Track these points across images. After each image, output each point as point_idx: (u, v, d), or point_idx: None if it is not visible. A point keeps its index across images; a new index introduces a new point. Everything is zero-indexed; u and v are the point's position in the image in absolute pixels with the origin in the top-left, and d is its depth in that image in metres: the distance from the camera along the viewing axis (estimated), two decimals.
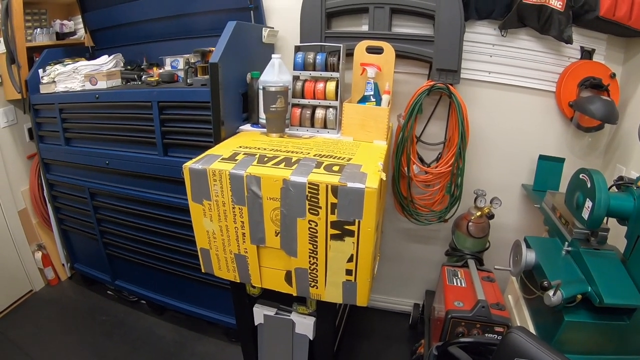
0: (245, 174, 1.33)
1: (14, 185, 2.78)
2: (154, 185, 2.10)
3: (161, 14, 2.34)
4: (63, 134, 2.36)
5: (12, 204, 2.78)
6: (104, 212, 2.41)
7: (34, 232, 2.94)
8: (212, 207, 1.45)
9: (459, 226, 2.07)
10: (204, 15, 2.20)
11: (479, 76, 2.07)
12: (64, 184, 2.56)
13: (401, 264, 2.50)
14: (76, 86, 2.26)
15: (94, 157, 2.27)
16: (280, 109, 1.67)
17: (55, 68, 2.34)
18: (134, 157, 2.09)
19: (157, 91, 1.91)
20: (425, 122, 2.15)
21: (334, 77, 1.78)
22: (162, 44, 2.44)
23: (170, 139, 1.96)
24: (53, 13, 2.92)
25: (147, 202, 2.15)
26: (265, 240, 1.44)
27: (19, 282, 2.86)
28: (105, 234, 2.49)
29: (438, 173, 2.05)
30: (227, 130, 1.75)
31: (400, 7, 1.94)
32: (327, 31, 2.03)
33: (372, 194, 1.23)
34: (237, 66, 1.81)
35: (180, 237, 2.10)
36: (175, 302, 2.40)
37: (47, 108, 2.41)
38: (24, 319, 2.67)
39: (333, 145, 1.62)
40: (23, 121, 2.78)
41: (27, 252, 2.88)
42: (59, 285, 3.04)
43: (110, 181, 2.28)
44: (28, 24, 2.73)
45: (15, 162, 2.81)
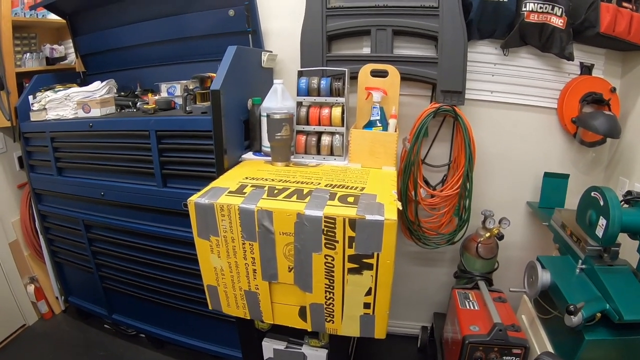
0: (257, 209, 1.26)
1: (4, 215, 2.68)
2: (152, 217, 2.01)
3: (155, 38, 2.27)
4: (55, 164, 2.26)
5: (3, 235, 2.66)
6: (100, 245, 2.30)
7: (25, 264, 2.82)
8: (220, 243, 1.37)
9: (467, 248, 2.01)
10: (200, 39, 2.14)
11: (482, 96, 2.04)
12: (57, 215, 2.44)
13: (407, 286, 2.43)
14: (68, 114, 2.16)
15: (88, 188, 2.17)
16: (286, 137, 1.60)
17: (46, 95, 2.24)
18: (132, 189, 2.00)
19: (154, 119, 1.83)
20: (430, 144, 2.11)
21: (339, 102, 1.72)
22: (156, 69, 2.37)
23: (169, 169, 1.88)
24: (43, 37, 2.85)
25: (145, 234, 2.05)
26: (278, 277, 1.37)
27: (11, 316, 2.73)
28: (102, 267, 2.38)
29: (445, 196, 1.99)
30: (230, 160, 1.69)
31: (402, 29, 1.90)
32: (328, 54, 1.98)
33: (392, 225, 1.17)
34: (237, 92, 1.75)
35: (181, 270, 2.01)
36: (176, 335, 2.29)
37: (38, 136, 2.31)
38: (17, 356, 2.55)
39: (342, 173, 1.56)
40: (13, 149, 2.67)
41: (19, 285, 2.76)
42: (53, 319, 2.91)
43: (106, 213, 2.18)
44: (17, 48, 2.66)
45: (5, 192, 2.70)
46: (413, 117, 1.98)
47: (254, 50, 1.98)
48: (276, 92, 1.72)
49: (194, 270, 1.90)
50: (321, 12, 1.93)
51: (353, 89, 1.93)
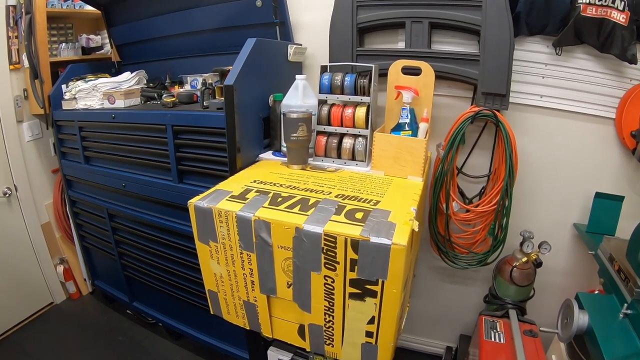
0: (254, 218, 1.16)
1: (37, 198, 2.76)
2: (169, 211, 1.96)
3: (185, 29, 2.22)
4: (83, 152, 2.27)
5: (36, 217, 2.75)
6: (122, 234, 2.30)
7: (56, 245, 2.90)
8: (219, 249, 1.29)
9: (501, 272, 1.81)
10: (227, 30, 2.06)
11: (529, 100, 1.80)
12: (85, 202, 2.47)
13: (435, 304, 2.26)
14: (95, 104, 2.16)
15: (111, 178, 2.16)
16: (302, 138, 1.48)
17: (76, 84, 2.26)
18: (150, 182, 1.96)
19: (171, 114, 1.76)
20: (468, 151, 1.91)
21: (364, 101, 1.57)
22: (185, 61, 2.32)
23: (185, 165, 1.81)
24: (80, 28, 2.88)
25: (162, 228, 2.01)
26: (277, 291, 1.26)
27: (40, 294, 2.84)
28: (124, 256, 2.38)
29: (481, 212, 1.79)
30: (245, 159, 1.60)
31: (440, 21, 1.70)
32: (358, 49, 1.82)
33: (400, 252, 1.01)
34: (257, 87, 1.65)
35: (194, 267, 1.94)
36: (192, 330, 2.25)
37: (68, 125, 2.33)
38: (43, 332, 2.64)
39: (360, 182, 1.42)
40: (48, 135, 2.73)
41: (49, 265, 2.85)
42: (80, 299, 2.99)
43: (127, 204, 2.16)
44: (54, 38, 2.69)
45: (40, 176, 2.78)
46: (450, 119, 1.79)
47: (279, 42, 1.87)
48: (297, 89, 1.61)
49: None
50: (351, 3, 1.77)
51: (383, 86, 1.76)
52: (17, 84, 2.58)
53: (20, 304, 2.70)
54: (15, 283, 2.66)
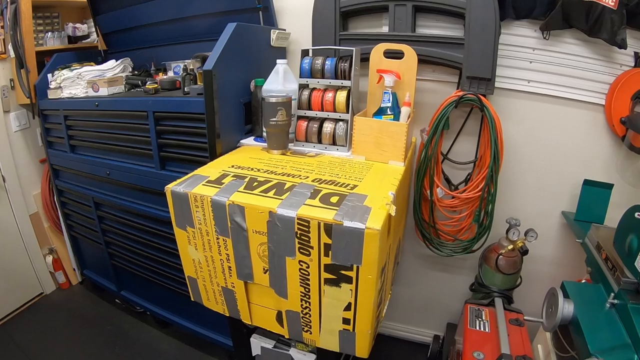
0: (228, 202, 1.14)
1: (25, 188, 2.74)
2: (153, 199, 1.93)
3: (169, 16, 2.18)
4: (68, 141, 2.25)
5: (24, 207, 2.73)
6: (108, 223, 2.28)
7: (45, 236, 2.88)
8: (196, 235, 1.27)
9: (487, 259, 1.79)
10: (210, 17, 2.03)
11: (516, 85, 1.77)
12: (72, 191, 2.45)
13: (421, 292, 2.24)
14: (80, 92, 2.13)
15: (96, 167, 2.14)
16: (282, 123, 1.46)
17: (62, 73, 2.22)
18: (133, 169, 1.94)
19: (152, 100, 1.73)
20: (454, 137, 1.88)
21: (345, 86, 1.55)
22: (169, 48, 2.29)
23: (167, 151, 1.79)
24: (66, 16, 2.84)
25: (147, 216, 1.99)
26: (253, 277, 1.25)
27: (29, 284, 2.83)
28: (110, 245, 2.36)
29: (466, 198, 1.76)
30: (225, 145, 1.57)
31: (424, 4, 1.66)
32: (341, 33, 1.79)
33: (374, 236, 0.99)
34: (238, 73, 1.62)
35: (178, 254, 1.90)
36: (178, 318, 2.24)
37: (54, 114, 2.30)
38: (32, 322, 2.63)
39: (340, 166, 1.39)
40: (35, 125, 2.70)
41: (38, 255, 2.84)
42: (69, 289, 2.98)
43: (112, 192, 2.14)
44: (40, 27, 2.66)
45: (28, 166, 2.75)
46: (435, 105, 1.75)
47: (261, 27, 1.84)
48: (278, 73, 1.59)
49: None
50: None
51: (366, 72, 1.72)
52: (3, 74, 2.56)
53: (9, 294, 2.69)
54: (5, 274, 2.65)
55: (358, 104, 1.63)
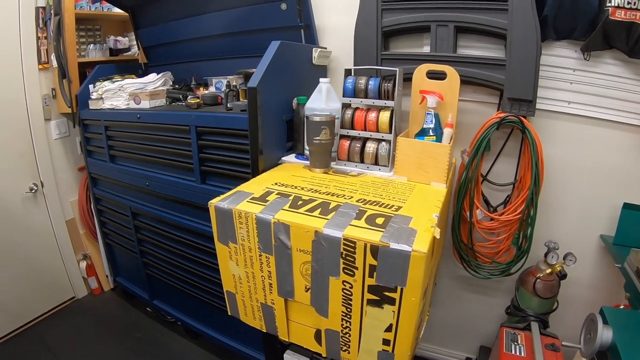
0: (273, 220, 1.16)
1: (63, 195, 2.83)
2: (192, 212, 1.97)
3: (210, 32, 2.25)
4: (108, 151, 2.31)
5: (61, 213, 2.82)
6: (145, 233, 2.33)
7: (80, 242, 2.96)
8: (238, 250, 1.29)
9: (524, 283, 1.76)
10: (252, 33, 2.07)
11: (556, 107, 1.75)
12: (109, 200, 2.52)
13: (455, 313, 2.21)
14: (121, 104, 2.20)
15: (135, 177, 2.19)
16: (325, 142, 1.48)
17: (103, 85, 2.30)
18: (173, 182, 1.98)
19: (195, 115, 1.78)
20: (494, 158, 1.87)
21: (388, 106, 1.56)
22: (211, 63, 2.35)
23: (208, 166, 1.83)
24: (108, 29, 2.94)
25: (185, 228, 2.03)
26: (294, 295, 1.25)
27: (62, 288, 2.91)
28: (145, 254, 2.41)
29: (505, 221, 1.75)
30: (267, 161, 1.60)
31: (466, 25, 1.67)
32: (383, 52, 1.81)
33: (420, 259, 0.99)
34: (281, 90, 1.65)
35: (214, 268, 1.92)
36: (210, 330, 2.26)
37: (95, 124, 2.38)
38: (63, 325, 2.70)
39: (383, 187, 1.40)
40: (75, 134, 2.79)
41: (72, 261, 2.92)
42: (101, 295, 3.05)
43: (150, 202, 2.19)
44: (82, 39, 2.76)
45: (66, 173, 2.85)
46: (475, 125, 1.75)
47: (303, 46, 1.88)
48: (321, 92, 1.60)
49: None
50: (376, 6, 1.76)
51: (408, 91, 1.74)
52: (46, 83, 2.65)
53: (42, 297, 2.77)
54: (39, 276, 2.73)
55: (400, 124, 1.64)
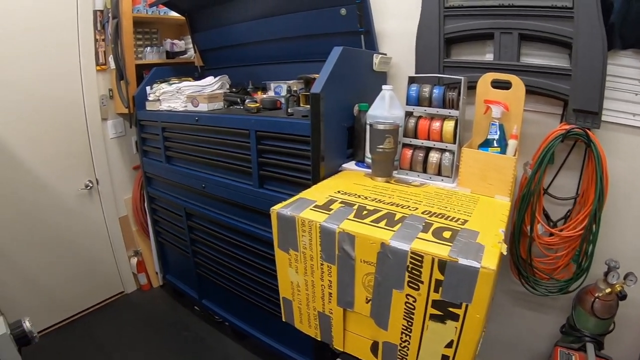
0: (338, 230, 1.17)
1: (117, 192, 2.96)
2: (247, 215, 2.01)
3: (268, 37, 2.28)
4: (164, 152, 2.39)
5: (114, 210, 2.95)
6: (198, 233, 2.39)
7: (132, 238, 3.08)
8: (298, 258, 1.30)
9: (581, 301, 1.71)
10: (311, 38, 2.10)
11: (621, 119, 1.67)
12: (163, 199, 2.60)
13: (507, 329, 2.16)
14: (179, 106, 2.26)
15: (191, 179, 2.25)
16: (389, 150, 1.48)
17: (161, 87, 2.38)
18: (230, 185, 2.03)
19: (255, 119, 1.81)
20: (556, 171, 1.82)
21: (452, 115, 1.55)
22: (268, 67, 2.38)
23: (267, 170, 1.85)
24: (164, 32, 3.05)
25: (239, 231, 2.07)
26: (354, 305, 1.26)
27: (112, 282, 3.05)
28: (197, 254, 2.47)
29: (566, 237, 1.71)
30: (328, 168, 1.62)
31: (531, 33, 1.64)
32: (445, 60, 1.80)
33: (488, 275, 0.98)
34: (342, 96, 1.66)
35: (268, 272, 1.99)
36: (258, 333, 2.30)
37: (151, 125, 2.46)
38: (111, 318, 2.82)
39: (447, 198, 1.40)
40: (131, 134, 2.91)
41: (124, 256, 3.05)
42: (150, 291, 3.16)
43: (205, 204, 2.25)
44: (139, 42, 2.86)
45: (122, 171, 2.97)
46: (537, 136, 1.72)
47: (364, 52, 1.88)
48: (384, 99, 1.60)
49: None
50: (438, 12, 1.76)
51: (471, 100, 1.72)
52: (103, 84, 2.79)
53: (92, 290, 2.91)
54: (90, 270, 2.87)
55: (463, 133, 1.63)
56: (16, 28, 2.37)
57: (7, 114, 2.39)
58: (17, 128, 2.44)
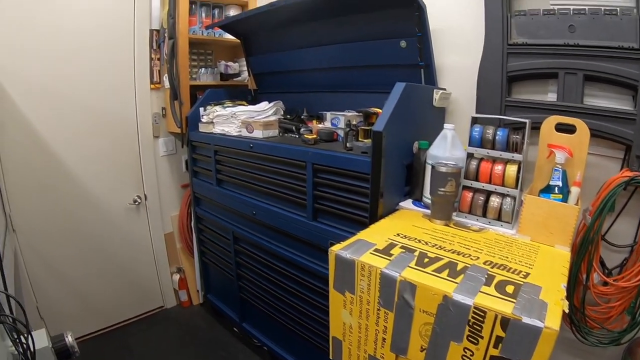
0: (400, 279, 1.19)
1: (164, 209, 3.08)
2: (297, 246, 2.05)
3: (323, 65, 2.32)
4: (215, 175, 2.46)
5: (160, 226, 3.07)
6: (244, 258, 2.44)
7: (176, 255, 3.18)
8: (354, 301, 1.33)
9: (632, 354, 1.66)
10: (368, 69, 2.13)
11: None
12: (210, 221, 2.67)
13: None
14: (233, 131, 2.32)
15: (241, 204, 2.30)
16: (450, 194, 1.50)
17: (215, 109, 2.46)
18: (282, 215, 2.07)
19: (312, 152, 1.83)
20: (614, 218, 1.79)
21: (515, 159, 1.55)
22: (323, 95, 2.42)
23: (321, 204, 1.87)
24: (218, 54, 3.14)
25: (288, 260, 2.11)
26: (407, 352, 1.27)
27: (152, 296, 3.16)
28: (242, 278, 2.52)
29: (622, 287, 1.67)
30: (386, 206, 1.63)
31: (596, 74, 1.63)
32: (507, 98, 1.80)
33: (551, 336, 0.98)
34: (402, 133, 1.68)
35: (315, 304, 2.01)
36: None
37: (204, 146, 2.54)
38: (148, 331, 2.92)
39: (507, 246, 1.40)
40: (181, 152, 3.02)
41: (166, 272, 3.16)
42: (189, 308, 3.25)
43: (254, 230, 2.29)
44: (194, 62, 2.96)
45: (170, 189, 3.09)
46: (596, 180, 1.69)
47: (425, 87, 1.89)
48: (446, 139, 1.62)
49: (327, 308, 1.87)
50: (502, 49, 1.77)
51: (532, 140, 1.72)
52: (157, 102, 2.92)
53: (133, 302, 3.04)
54: (132, 282, 3.00)
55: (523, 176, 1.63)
56: (78, 47, 2.53)
57: (65, 128, 2.55)
58: (73, 141, 2.60)
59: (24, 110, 2.39)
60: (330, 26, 2.20)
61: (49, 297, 2.61)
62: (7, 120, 2.31)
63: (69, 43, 2.50)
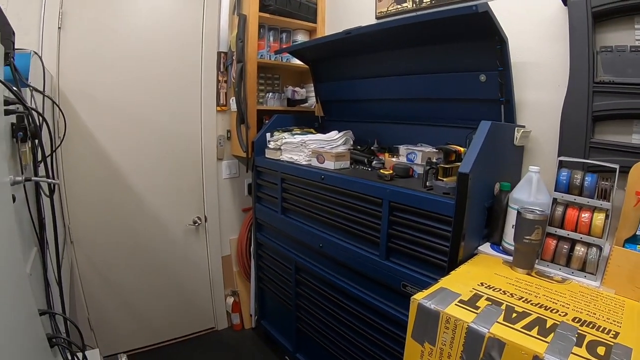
0: (488, 335, 1.20)
1: (224, 231, 3.20)
2: (366, 284, 2.05)
3: (395, 96, 2.35)
4: (281, 203, 2.51)
5: (218, 248, 3.19)
6: (305, 289, 2.47)
7: (232, 278, 3.29)
8: (433, 353, 1.34)
9: None
10: (444, 102, 2.14)
11: None
12: (272, 248, 2.73)
13: None
14: (302, 160, 2.38)
15: (307, 235, 2.33)
16: (535, 242, 1.50)
17: (283, 136, 2.53)
18: (351, 250, 2.07)
19: (390, 189, 1.83)
20: None
21: (603, 207, 1.53)
22: (395, 127, 2.44)
23: (395, 243, 1.86)
24: (285, 79, 3.26)
25: (353, 297, 2.11)
26: None
27: (204, 317, 3.28)
28: (301, 309, 2.55)
29: None
30: (466, 250, 1.63)
31: None
32: (592, 140, 1.77)
33: None
34: (485, 174, 1.67)
35: (380, 345, 1.99)
36: None
37: (270, 173, 2.61)
38: (197, 351, 3.02)
39: (592, 301, 1.40)
40: (244, 176, 3.13)
41: (221, 294, 3.28)
42: (241, 332, 3.33)
43: (319, 263, 2.32)
44: (261, 87, 3.06)
45: (231, 212, 3.21)
46: None
47: (507, 125, 1.87)
48: (530, 183, 1.62)
49: (394, 351, 1.90)
50: (587, 87, 1.74)
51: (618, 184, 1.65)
52: (222, 124, 3.06)
53: (185, 321, 3.16)
54: (186, 302, 3.12)
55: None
56: (145, 66, 2.72)
57: (128, 145, 2.73)
58: (136, 158, 2.77)
59: (89, 125, 2.57)
60: (406, 56, 2.22)
61: (101, 309, 2.77)
62: (72, 134, 2.47)
63: (137, 61, 2.68)
